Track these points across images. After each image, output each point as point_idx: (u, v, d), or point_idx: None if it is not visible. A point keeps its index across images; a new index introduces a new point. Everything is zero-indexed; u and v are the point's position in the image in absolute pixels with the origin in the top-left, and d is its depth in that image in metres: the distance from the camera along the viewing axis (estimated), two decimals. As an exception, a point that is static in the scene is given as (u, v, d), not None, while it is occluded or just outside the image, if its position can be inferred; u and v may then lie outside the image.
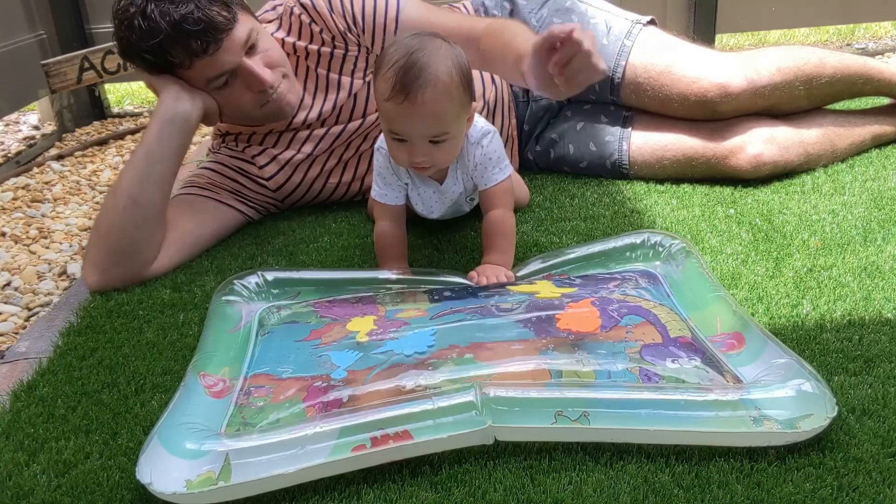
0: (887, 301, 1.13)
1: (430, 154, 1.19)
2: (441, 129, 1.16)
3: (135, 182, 1.33)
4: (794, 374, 0.88)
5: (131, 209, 1.32)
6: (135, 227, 1.33)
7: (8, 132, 2.79)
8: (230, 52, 1.34)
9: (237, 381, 1.00)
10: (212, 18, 1.30)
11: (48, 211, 1.98)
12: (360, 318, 1.10)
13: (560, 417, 0.85)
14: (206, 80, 1.37)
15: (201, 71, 1.35)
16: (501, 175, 1.28)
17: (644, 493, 0.80)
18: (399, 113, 1.15)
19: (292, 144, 1.56)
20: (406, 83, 1.12)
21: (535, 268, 1.25)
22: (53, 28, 2.54)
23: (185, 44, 1.30)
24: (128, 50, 1.35)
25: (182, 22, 1.28)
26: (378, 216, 1.33)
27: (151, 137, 1.35)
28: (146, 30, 1.28)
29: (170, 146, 1.35)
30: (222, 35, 1.32)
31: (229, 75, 1.37)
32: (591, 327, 1.00)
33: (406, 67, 1.12)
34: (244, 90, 1.41)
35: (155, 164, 1.34)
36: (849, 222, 1.38)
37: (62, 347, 1.19)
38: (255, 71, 1.38)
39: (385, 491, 0.83)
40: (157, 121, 1.35)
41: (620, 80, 1.64)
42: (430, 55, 1.13)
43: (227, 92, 1.40)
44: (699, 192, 1.57)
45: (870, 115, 1.75)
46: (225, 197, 1.53)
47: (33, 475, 0.90)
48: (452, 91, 1.14)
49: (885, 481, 0.80)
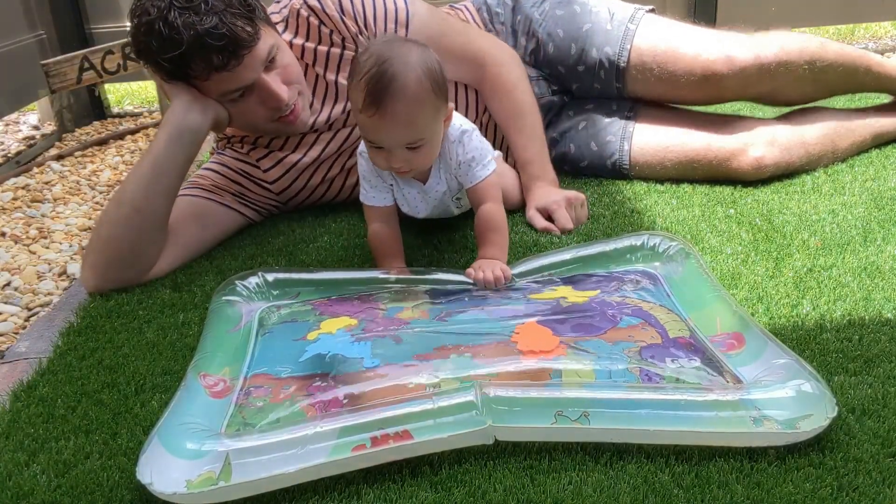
0: (887, 301, 1.13)
1: (408, 159, 1.20)
2: (415, 136, 1.17)
3: (139, 192, 1.31)
4: (794, 375, 0.88)
5: (134, 218, 1.30)
6: (137, 237, 1.31)
7: (8, 132, 2.80)
8: (250, 68, 1.31)
9: (237, 381, 1.00)
10: (236, 34, 1.26)
11: (48, 211, 1.98)
12: (341, 317, 1.10)
13: (560, 417, 0.85)
14: (222, 93, 1.34)
15: (218, 84, 1.32)
16: (485, 171, 1.29)
17: (644, 493, 0.80)
18: (373, 124, 1.15)
19: (300, 148, 1.54)
20: (376, 95, 1.12)
21: (534, 265, 1.25)
22: (53, 28, 2.54)
23: (206, 58, 1.26)
24: (145, 54, 1.31)
25: (206, 36, 1.24)
26: (369, 218, 1.34)
27: (159, 148, 1.32)
28: (167, 39, 1.24)
29: (177, 158, 1.32)
30: (244, 52, 1.28)
31: (245, 89, 1.34)
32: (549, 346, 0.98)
33: (376, 78, 1.12)
34: (258, 105, 1.38)
35: (162, 175, 1.32)
36: (849, 222, 1.38)
37: (62, 347, 1.19)
38: (273, 88, 1.35)
39: (385, 491, 0.83)
40: (167, 131, 1.32)
41: (626, 65, 1.63)
42: (400, 64, 1.13)
43: (241, 105, 1.37)
44: (699, 192, 1.57)
45: (870, 115, 1.75)
46: (228, 200, 1.52)
47: (33, 475, 0.90)
48: (423, 99, 1.14)
49: (885, 481, 0.80)
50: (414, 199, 1.34)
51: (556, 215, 1.45)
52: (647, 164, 1.64)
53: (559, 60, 1.68)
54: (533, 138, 1.55)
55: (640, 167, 1.65)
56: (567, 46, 1.66)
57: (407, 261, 1.34)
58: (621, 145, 1.65)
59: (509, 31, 1.73)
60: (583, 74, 1.67)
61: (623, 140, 1.66)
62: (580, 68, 1.66)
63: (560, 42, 1.66)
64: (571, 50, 1.66)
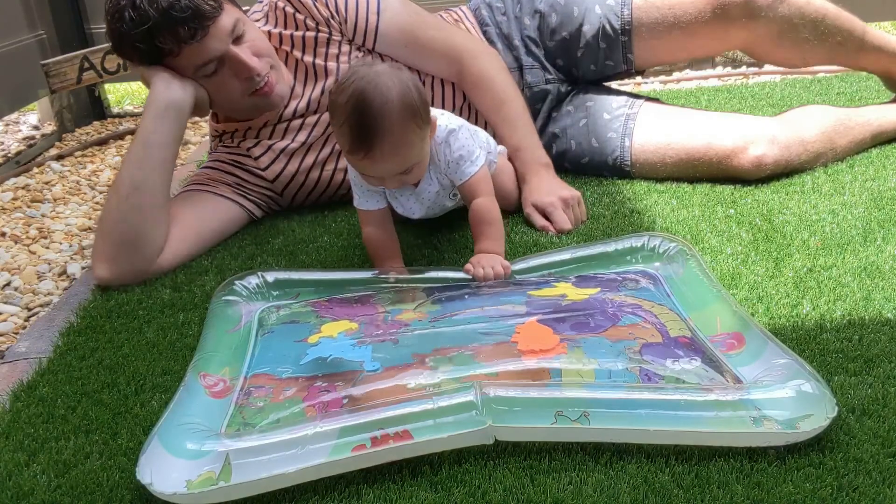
0: (887, 301, 1.13)
1: (402, 180, 1.23)
2: (406, 165, 1.19)
3: (135, 169, 1.37)
4: (794, 375, 0.88)
5: (135, 196, 1.35)
6: (139, 215, 1.35)
7: (8, 132, 2.79)
8: (217, 38, 1.38)
9: (237, 381, 1.00)
10: (198, 6, 1.35)
11: (48, 211, 1.98)
12: (341, 321, 1.10)
13: (560, 417, 0.85)
14: (195, 67, 1.40)
15: (190, 58, 1.39)
16: (474, 167, 1.29)
17: (644, 493, 0.80)
18: (363, 164, 1.20)
19: (287, 135, 1.59)
20: (361, 141, 1.14)
21: (534, 264, 1.26)
22: (53, 28, 2.54)
23: (173, 30, 1.34)
24: (120, 42, 1.39)
25: (170, 9, 1.33)
26: (363, 222, 1.34)
27: (147, 127, 1.39)
28: (136, 19, 1.34)
29: (165, 134, 1.39)
30: (208, 22, 1.36)
31: (217, 63, 1.41)
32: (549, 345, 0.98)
33: (358, 125, 1.13)
34: (232, 78, 1.44)
35: (153, 150, 1.38)
36: (849, 222, 1.38)
37: (62, 347, 1.19)
38: (242, 57, 1.42)
39: (385, 491, 0.83)
40: (151, 110, 1.39)
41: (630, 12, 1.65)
42: (379, 104, 1.12)
43: (215, 80, 1.44)
44: (699, 192, 1.57)
45: (870, 113, 1.75)
46: (224, 190, 1.55)
47: (33, 475, 0.90)
48: (408, 134, 1.16)
49: (885, 481, 0.80)
50: (408, 202, 1.35)
51: (554, 217, 1.45)
52: (647, 162, 1.64)
53: (564, 27, 1.70)
54: (518, 124, 1.57)
55: (641, 165, 1.65)
56: (570, 11, 1.69)
57: (407, 260, 1.34)
58: (622, 142, 1.66)
59: (511, 18, 1.74)
60: (589, 41, 1.69)
61: (624, 137, 1.66)
62: (585, 28, 1.68)
63: (562, 9, 1.70)
64: (574, 13, 1.69)
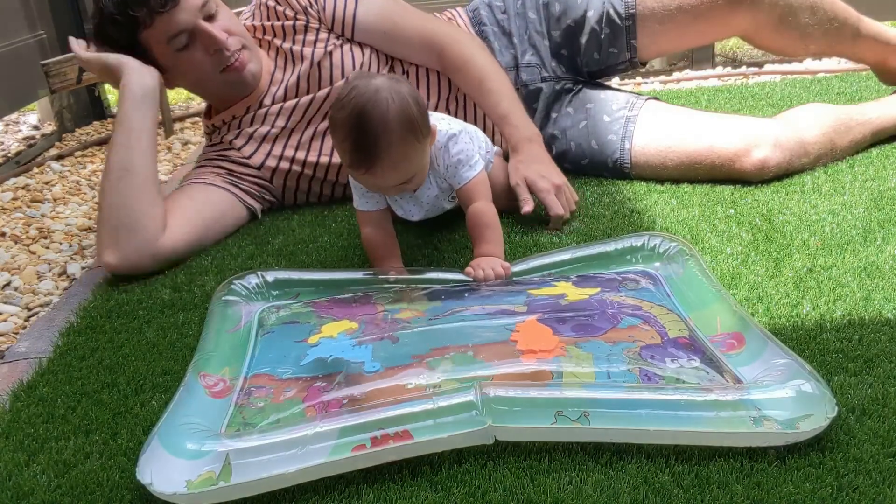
0: (887, 301, 1.13)
1: (402, 188, 1.25)
2: (406, 177, 1.21)
3: (123, 154, 1.43)
4: (794, 375, 0.88)
5: (126, 178, 1.41)
6: (133, 195, 1.41)
7: (8, 132, 2.80)
8: (186, 11, 1.48)
9: (237, 381, 1.00)
10: None
11: (48, 211, 1.98)
12: (341, 321, 1.10)
13: (560, 417, 0.85)
14: (168, 38, 1.48)
15: (162, 28, 1.47)
16: (472, 172, 1.29)
17: (644, 493, 0.80)
18: (363, 179, 1.22)
19: (266, 121, 1.64)
20: (362, 158, 1.16)
21: (534, 264, 1.26)
22: (53, 28, 2.54)
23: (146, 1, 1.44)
24: (101, 20, 1.48)
25: None
26: (361, 222, 1.34)
27: (128, 113, 1.45)
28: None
29: (145, 120, 1.46)
30: None
31: (189, 36, 1.49)
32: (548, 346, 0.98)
33: (358, 143, 1.14)
34: (204, 54, 1.52)
35: (137, 133, 1.44)
36: (849, 222, 1.38)
37: (62, 347, 1.19)
38: (211, 31, 1.50)
39: (385, 491, 0.83)
40: (129, 98, 1.45)
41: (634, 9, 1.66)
42: (378, 118, 1.13)
43: (187, 55, 1.52)
44: (699, 193, 1.57)
45: (870, 110, 1.75)
46: (217, 181, 1.60)
47: (33, 475, 0.90)
48: (409, 150, 1.17)
49: (885, 481, 0.80)
50: (407, 205, 1.35)
51: (547, 202, 1.44)
52: (648, 164, 1.64)
53: (568, 14, 1.71)
54: (502, 95, 1.57)
55: (642, 167, 1.65)
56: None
57: (406, 261, 1.34)
58: (622, 144, 1.66)
59: (513, 16, 1.74)
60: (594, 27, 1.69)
61: (624, 139, 1.66)
62: (590, 13, 1.69)
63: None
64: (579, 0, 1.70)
